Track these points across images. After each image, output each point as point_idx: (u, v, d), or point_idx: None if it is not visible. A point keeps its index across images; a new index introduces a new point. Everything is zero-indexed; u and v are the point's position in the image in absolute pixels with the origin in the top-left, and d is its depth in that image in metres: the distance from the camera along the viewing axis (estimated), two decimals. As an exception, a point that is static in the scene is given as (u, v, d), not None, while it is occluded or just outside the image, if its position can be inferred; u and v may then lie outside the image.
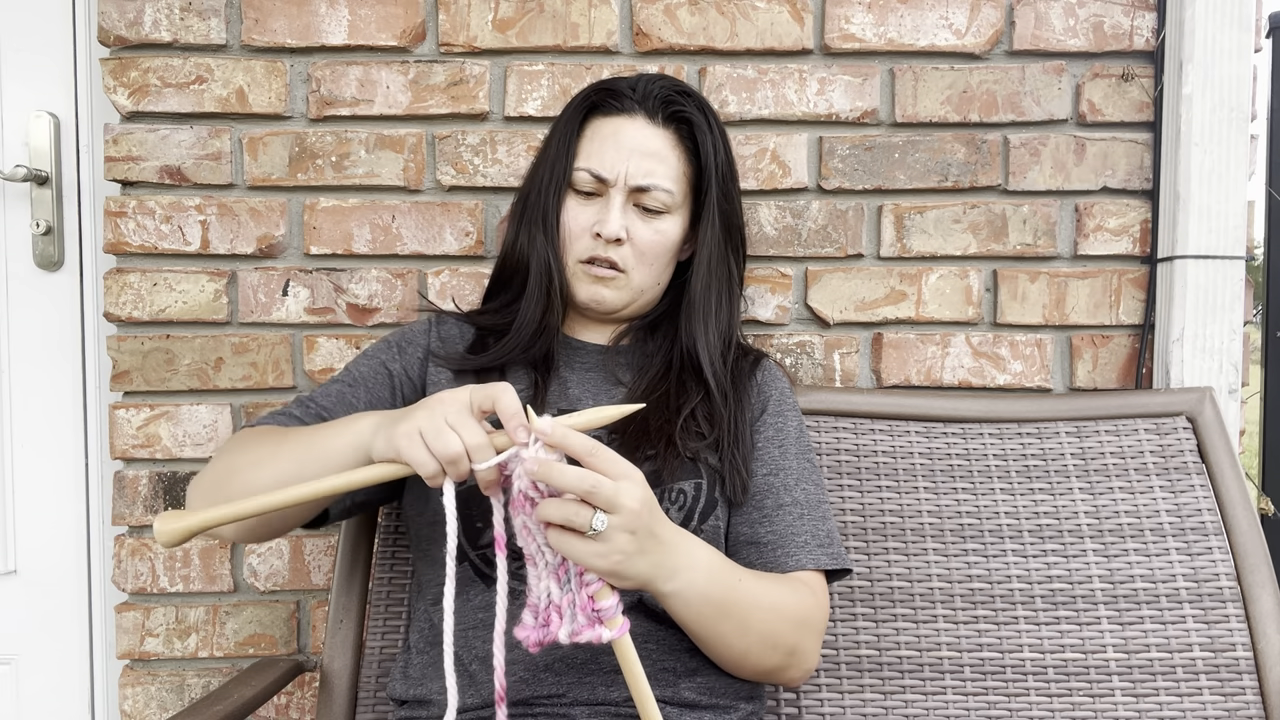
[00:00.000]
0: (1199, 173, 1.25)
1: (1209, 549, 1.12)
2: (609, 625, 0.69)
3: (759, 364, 1.05)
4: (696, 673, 0.88)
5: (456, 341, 1.04)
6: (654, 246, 0.99)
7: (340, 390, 0.97)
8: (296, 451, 0.80)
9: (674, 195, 0.99)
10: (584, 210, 0.99)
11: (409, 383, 1.00)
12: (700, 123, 1.00)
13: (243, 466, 0.83)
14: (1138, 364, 1.31)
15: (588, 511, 0.68)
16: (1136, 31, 1.30)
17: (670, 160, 0.99)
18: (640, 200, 0.98)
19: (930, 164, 1.30)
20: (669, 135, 0.99)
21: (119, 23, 1.27)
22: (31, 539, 1.37)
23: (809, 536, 0.92)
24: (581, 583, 0.70)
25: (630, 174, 0.97)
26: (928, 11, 1.29)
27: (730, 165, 1.04)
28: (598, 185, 0.98)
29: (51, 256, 1.35)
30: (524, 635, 0.71)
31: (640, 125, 0.98)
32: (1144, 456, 1.17)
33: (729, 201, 1.03)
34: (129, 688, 1.30)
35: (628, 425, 0.91)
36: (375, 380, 0.99)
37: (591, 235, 0.98)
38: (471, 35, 1.29)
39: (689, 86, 1.03)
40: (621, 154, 0.97)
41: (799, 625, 0.87)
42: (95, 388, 1.37)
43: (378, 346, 1.04)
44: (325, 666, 1.11)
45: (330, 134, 1.30)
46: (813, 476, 0.98)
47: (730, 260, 1.04)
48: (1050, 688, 1.07)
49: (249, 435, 0.88)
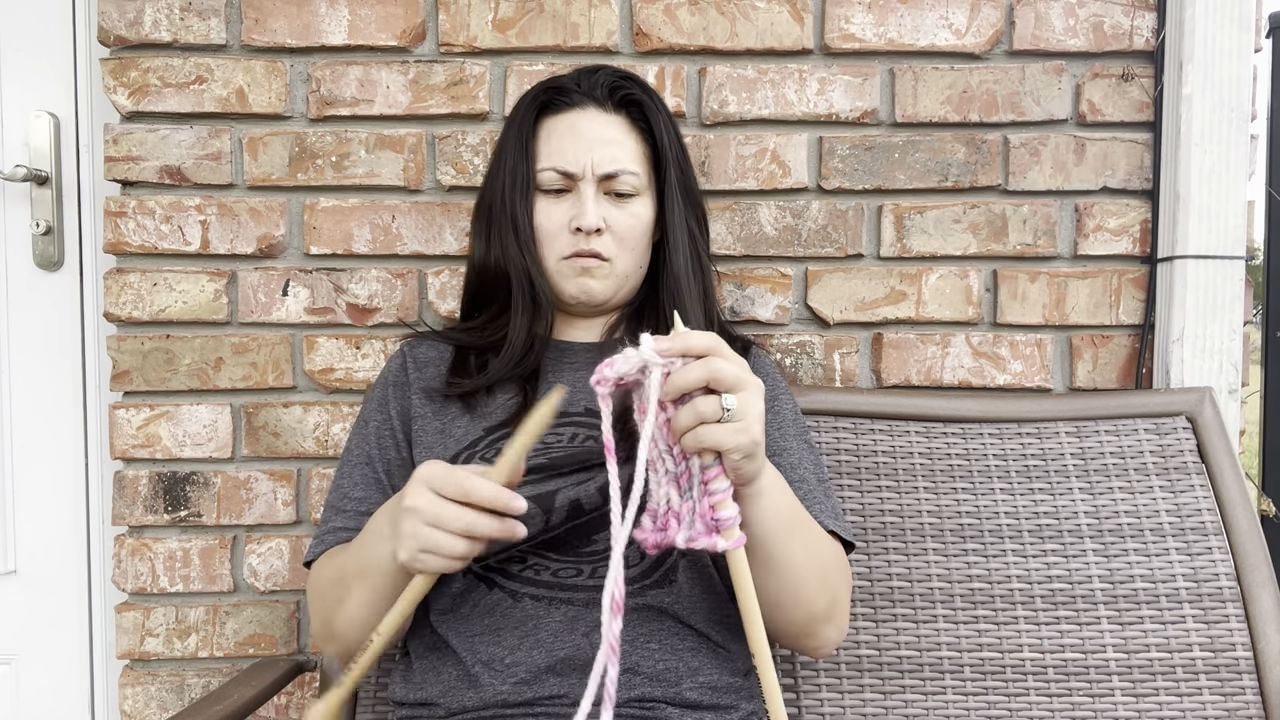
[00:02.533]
0: (1199, 173, 1.25)
1: (1209, 549, 1.12)
2: (726, 536, 0.68)
3: (748, 351, 1.06)
4: (699, 672, 0.88)
5: (435, 363, 1.03)
6: (632, 230, 1.00)
7: (363, 474, 0.98)
8: (355, 577, 0.84)
9: (640, 177, 1.00)
10: (556, 208, 1.00)
11: (404, 425, 1.00)
12: (648, 103, 1.02)
13: (330, 609, 0.88)
14: (1138, 364, 1.31)
15: (715, 399, 0.67)
16: (1136, 31, 1.30)
17: (629, 144, 1.00)
18: (610, 187, 0.99)
19: (930, 164, 1.30)
20: (622, 120, 1.01)
21: (119, 23, 1.27)
22: (31, 539, 1.37)
23: (818, 510, 0.93)
24: (705, 491, 0.69)
25: (596, 163, 0.98)
26: (928, 11, 1.29)
27: (682, 142, 1.05)
28: (566, 181, 0.99)
29: (51, 256, 1.35)
30: (642, 537, 0.71)
31: (594, 115, 1.00)
32: (1144, 456, 1.17)
33: (687, 177, 1.05)
34: (129, 688, 1.30)
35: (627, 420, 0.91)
36: (384, 446, 0.99)
37: (570, 231, 0.98)
38: (471, 35, 1.29)
39: (629, 72, 1.05)
40: (583, 146, 0.98)
41: (841, 570, 0.88)
42: (95, 388, 1.37)
43: (371, 411, 1.03)
44: (325, 666, 1.11)
45: (330, 134, 1.30)
46: (813, 457, 0.99)
47: (697, 235, 1.05)
48: (1050, 688, 1.07)
49: (317, 577, 0.92)
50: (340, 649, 0.90)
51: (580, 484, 0.88)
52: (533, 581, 0.87)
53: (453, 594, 0.90)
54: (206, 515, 1.30)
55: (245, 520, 1.31)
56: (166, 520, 1.30)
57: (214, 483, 1.30)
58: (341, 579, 0.86)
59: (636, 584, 0.87)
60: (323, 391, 1.31)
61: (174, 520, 1.30)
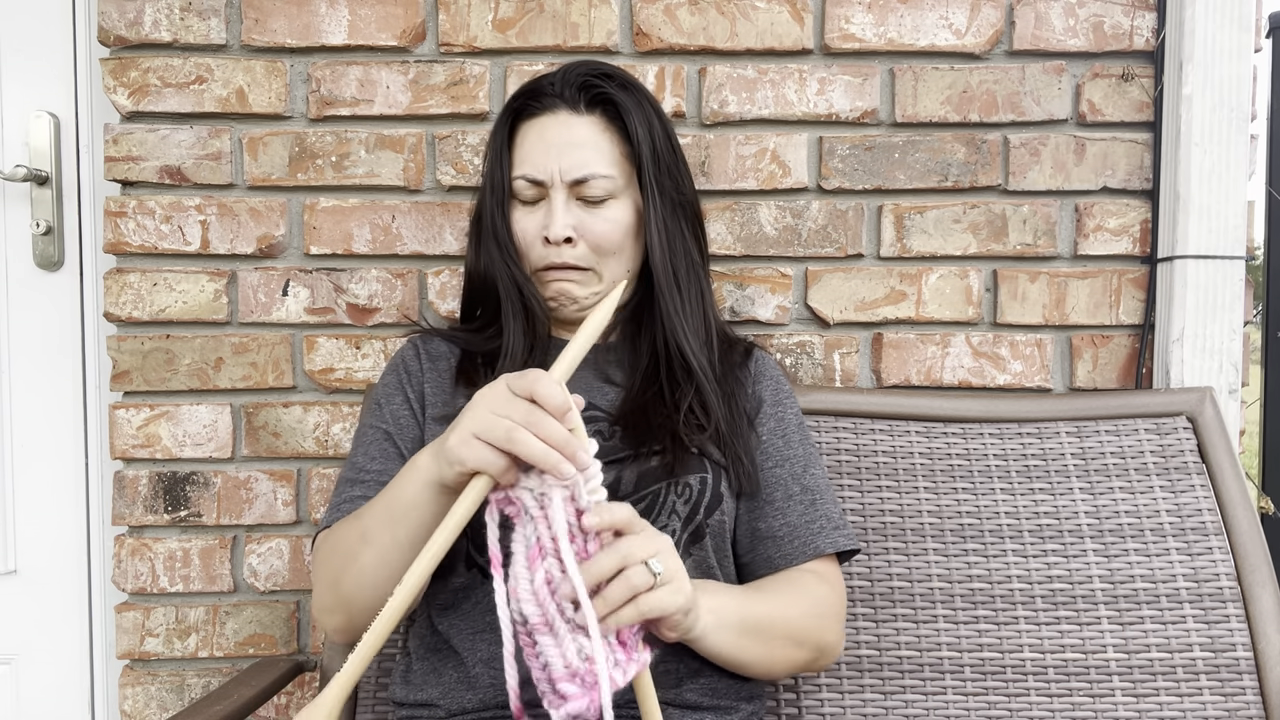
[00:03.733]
0: (1199, 173, 1.25)
1: (1209, 549, 1.12)
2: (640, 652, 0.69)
3: (750, 354, 1.04)
4: (699, 674, 0.88)
5: (447, 359, 1.03)
6: (609, 236, 0.96)
7: (381, 449, 0.96)
8: (381, 524, 0.80)
9: (615, 179, 0.96)
10: (530, 218, 0.97)
11: (421, 407, 0.99)
12: (624, 101, 0.97)
13: (343, 566, 0.83)
14: (1138, 364, 1.31)
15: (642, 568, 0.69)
16: (1136, 31, 1.30)
17: (602, 146, 0.96)
18: (582, 193, 0.95)
19: (930, 164, 1.30)
20: (595, 121, 0.97)
21: (119, 23, 1.27)
22: (31, 539, 1.37)
23: (823, 522, 0.93)
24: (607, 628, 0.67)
25: (563, 170, 0.94)
26: (928, 11, 1.29)
27: (670, 140, 1.00)
28: (537, 190, 0.96)
29: (51, 256, 1.35)
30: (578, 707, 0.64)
31: (563, 119, 0.96)
32: (1144, 456, 1.17)
33: (671, 178, 0.99)
34: (129, 688, 1.30)
35: (631, 421, 0.92)
36: (402, 425, 0.97)
37: (542, 242, 0.96)
38: (471, 35, 1.29)
39: (612, 68, 1.00)
40: (551, 153, 0.95)
41: (819, 619, 0.90)
42: (95, 388, 1.37)
43: (385, 395, 1.01)
44: (325, 666, 1.11)
45: (330, 134, 1.30)
46: (816, 460, 0.99)
47: (685, 238, 1.01)
48: (1050, 688, 1.07)
49: (331, 537, 0.88)
50: (344, 620, 0.86)
51: None
52: None
53: (453, 589, 0.90)
54: (206, 515, 1.30)
55: (245, 520, 1.31)
56: (166, 520, 1.30)
57: (214, 483, 1.30)
58: (362, 532, 0.82)
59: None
60: (323, 391, 1.31)
61: (174, 520, 1.30)
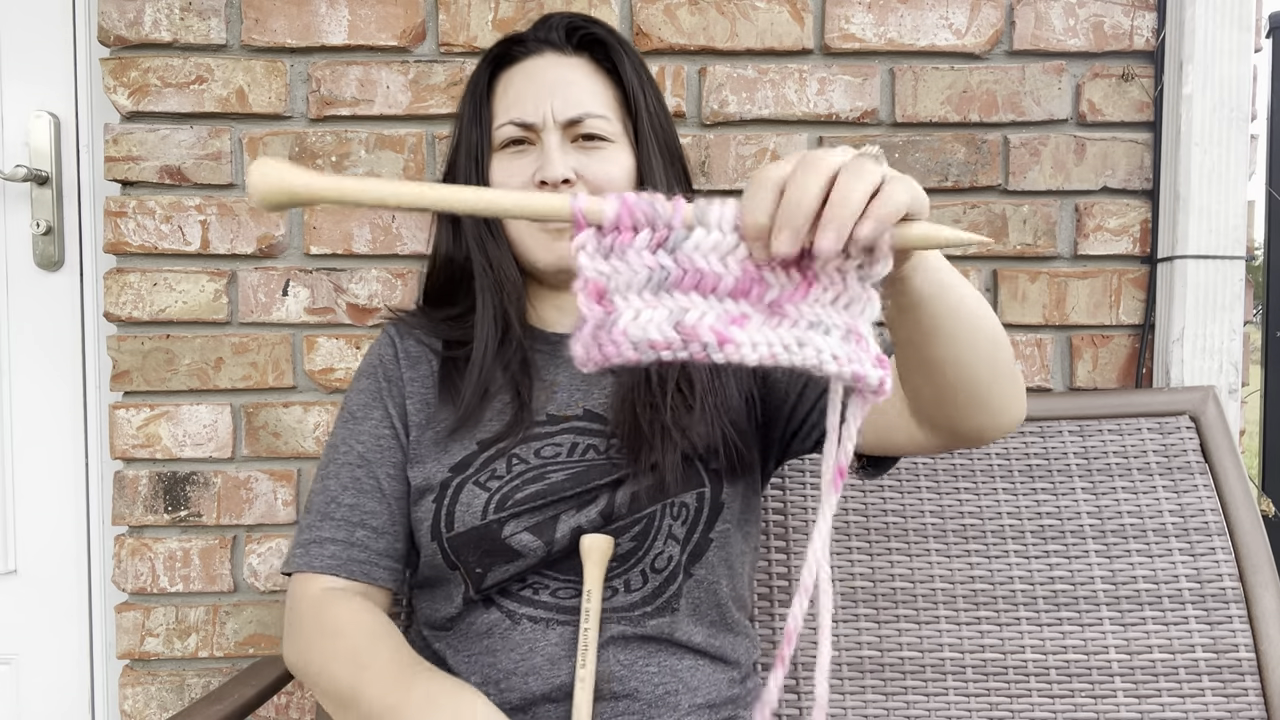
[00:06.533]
0: (1199, 173, 1.25)
1: (1212, 549, 1.11)
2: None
3: None
4: (697, 691, 0.86)
5: (427, 360, 0.93)
6: (612, 181, 0.87)
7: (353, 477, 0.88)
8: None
9: (611, 122, 0.89)
10: (517, 162, 0.88)
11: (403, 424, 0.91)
12: (612, 42, 0.92)
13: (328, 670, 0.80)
14: (1138, 364, 1.31)
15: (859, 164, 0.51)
16: (1136, 31, 1.30)
17: (594, 87, 0.90)
18: (577, 132, 0.88)
19: (930, 164, 1.30)
20: (585, 62, 0.91)
21: (119, 23, 1.27)
22: (31, 539, 1.37)
23: None
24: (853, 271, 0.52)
25: (557, 109, 0.87)
26: (928, 11, 1.29)
27: (655, 86, 0.94)
28: (526, 133, 0.88)
29: (51, 256, 1.34)
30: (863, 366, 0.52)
31: (552, 59, 0.90)
32: (1146, 456, 1.17)
33: (664, 129, 0.93)
34: (129, 688, 1.30)
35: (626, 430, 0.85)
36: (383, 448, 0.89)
37: (535, 186, 0.86)
38: (471, 35, 1.29)
39: (590, 16, 0.95)
40: (543, 92, 0.87)
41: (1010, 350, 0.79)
42: (95, 388, 1.37)
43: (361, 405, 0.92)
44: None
45: (330, 134, 1.30)
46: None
47: (678, 190, 0.93)
48: (1052, 688, 1.07)
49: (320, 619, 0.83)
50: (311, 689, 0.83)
51: (582, 508, 0.83)
52: (531, 601, 0.84)
53: (447, 616, 0.88)
54: (206, 515, 1.30)
55: (245, 520, 1.30)
56: (166, 520, 1.30)
57: (214, 483, 1.30)
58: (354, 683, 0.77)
59: (637, 610, 0.84)
60: (323, 391, 1.31)
61: (174, 520, 1.30)
